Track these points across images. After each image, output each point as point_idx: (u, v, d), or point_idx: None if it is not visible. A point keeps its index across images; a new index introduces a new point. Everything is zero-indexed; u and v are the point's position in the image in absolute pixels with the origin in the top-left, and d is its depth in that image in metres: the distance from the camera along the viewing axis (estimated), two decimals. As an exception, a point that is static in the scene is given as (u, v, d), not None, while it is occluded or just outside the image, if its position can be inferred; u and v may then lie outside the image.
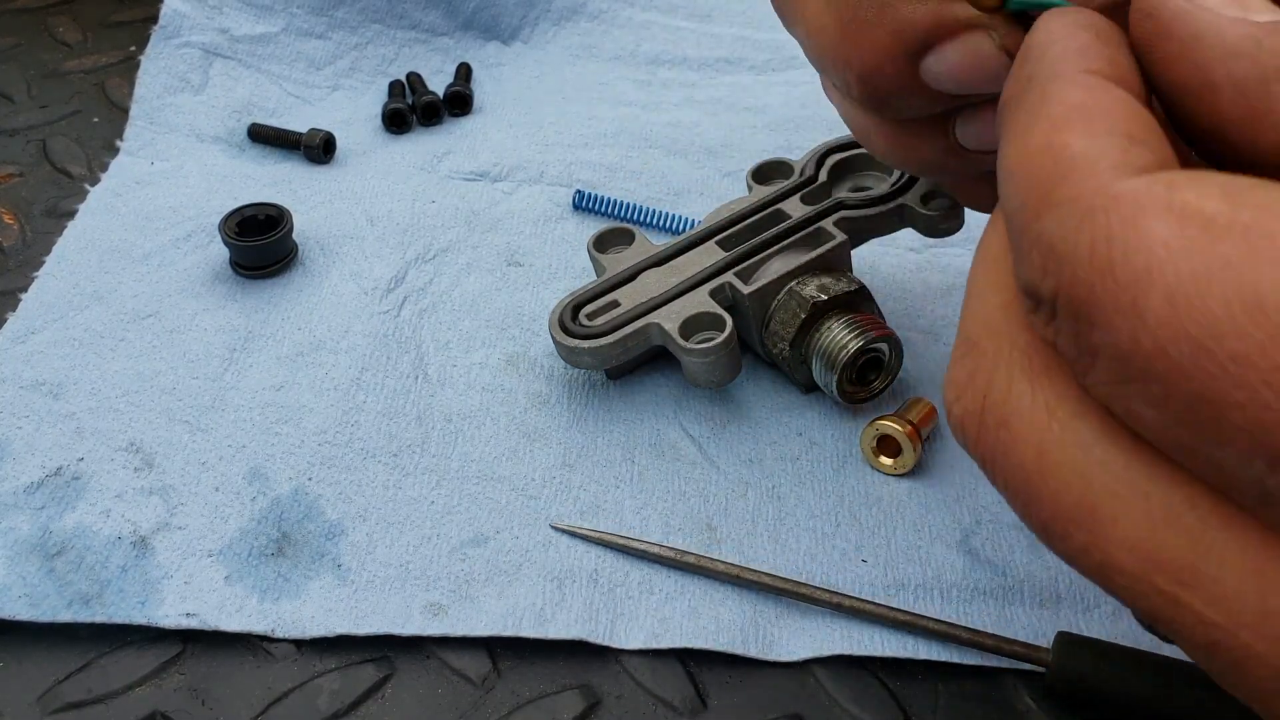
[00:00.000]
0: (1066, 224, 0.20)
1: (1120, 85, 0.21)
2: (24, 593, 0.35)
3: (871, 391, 0.41)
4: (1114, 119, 0.20)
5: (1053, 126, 0.21)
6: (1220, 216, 0.18)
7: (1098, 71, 0.21)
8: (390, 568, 0.36)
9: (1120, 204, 0.19)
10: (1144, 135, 0.20)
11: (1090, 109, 0.21)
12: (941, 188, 0.42)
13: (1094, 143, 0.20)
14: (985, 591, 0.35)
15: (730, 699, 0.33)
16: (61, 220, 0.51)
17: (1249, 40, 0.20)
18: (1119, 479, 0.21)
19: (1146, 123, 0.21)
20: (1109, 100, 0.21)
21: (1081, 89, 0.21)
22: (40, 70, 0.62)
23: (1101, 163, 0.20)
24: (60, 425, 0.41)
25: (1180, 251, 0.18)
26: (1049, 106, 0.21)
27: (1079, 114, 0.21)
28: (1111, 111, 0.21)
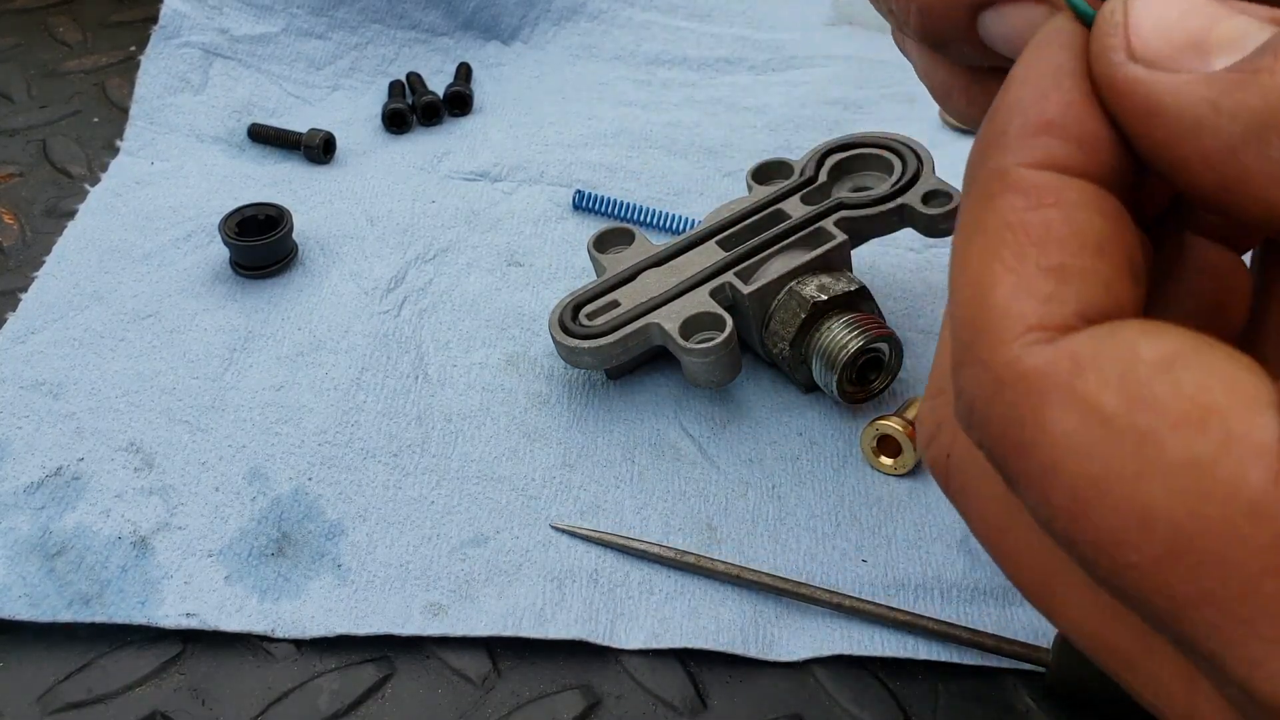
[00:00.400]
0: (981, 388, 0.20)
1: (1077, 161, 0.21)
2: (24, 593, 0.35)
3: (871, 391, 0.41)
4: (1045, 247, 0.20)
5: (985, 252, 0.20)
6: (1116, 416, 0.18)
7: (1045, 160, 0.21)
8: (390, 568, 0.36)
9: (1026, 386, 0.19)
10: (1076, 266, 0.20)
11: (1024, 231, 0.20)
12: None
13: (1016, 289, 0.20)
14: (985, 591, 0.35)
15: (730, 699, 0.33)
16: (61, 220, 0.51)
17: (1206, 106, 0.19)
18: (1069, 574, 0.22)
19: (1084, 244, 0.20)
20: (1045, 219, 0.20)
21: (1020, 196, 0.20)
22: (40, 70, 0.62)
23: (1016, 324, 0.20)
24: (60, 425, 0.41)
25: (1079, 452, 0.18)
26: (988, 217, 0.21)
27: (1010, 237, 0.20)
28: (1045, 236, 0.20)
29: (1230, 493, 0.17)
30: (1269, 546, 0.17)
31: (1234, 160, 0.19)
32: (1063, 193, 0.20)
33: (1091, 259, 0.20)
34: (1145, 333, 0.19)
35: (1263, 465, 0.17)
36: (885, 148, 0.44)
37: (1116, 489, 0.18)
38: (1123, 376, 0.18)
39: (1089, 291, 0.20)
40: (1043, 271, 0.20)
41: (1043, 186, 0.20)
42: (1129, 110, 0.20)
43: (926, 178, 0.42)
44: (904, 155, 0.43)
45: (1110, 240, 0.20)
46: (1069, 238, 0.20)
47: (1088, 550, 0.19)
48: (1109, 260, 0.20)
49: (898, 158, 0.43)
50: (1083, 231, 0.20)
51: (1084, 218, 0.20)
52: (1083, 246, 0.20)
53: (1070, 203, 0.20)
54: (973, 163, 0.22)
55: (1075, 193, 0.20)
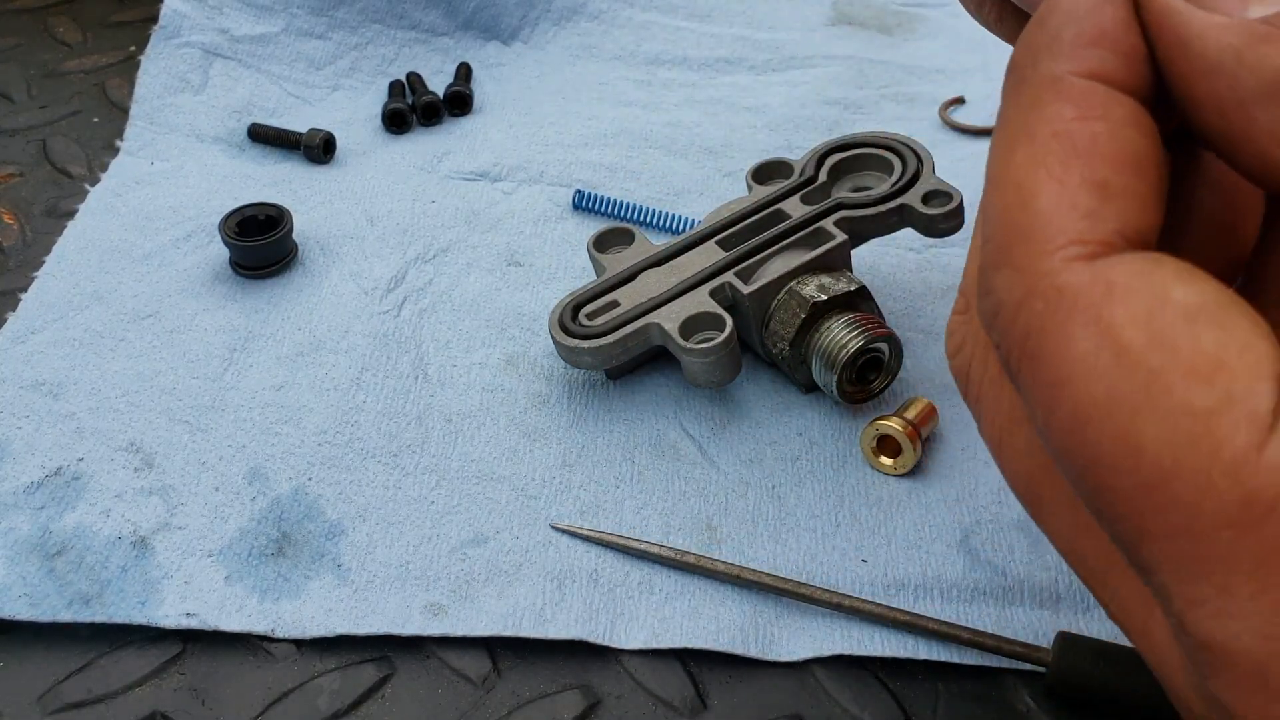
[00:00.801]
0: (1012, 293, 0.21)
1: (1122, 76, 0.21)
2: (24, 593, 0.35)
3: (871, 391, 0.41)
4: (1092, 160, 0.21)
5: (1031, 159, 0.21)
6: (1133, 349, 0.19)
7: (1096, 71, 0.21)
8: (390, 568, 0.36)
9: (1057, 300, 0.20)
10: (1119, 183, 0.20)
11: (1071, 141, 0.21)
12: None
13: (1060, 200, 0.20)
14: (985, 592, 0.35)
15: (730, 699, 0.33)
16: (61, 220, 0.51)
17: (1229, 53, 0.20)
18: (1056, 484, 0.23)
19: (1126, 161, 0.21)
20: (1093, 131, 0.21)
21: (1071, 106, 0.21)
22: (40, 70, 0.62)
23: (1058, 236, 0.20)
24: (60, 425, 0.41)
25: (1091, 374, 0.19)
26: (1037, 123, 0.21)
27: (1058, 146, 0.21)
28: (1092, 149, 0.21)
29: (1216, 447, 0.18)
30: (1236, 504, 0.18)
31: (1242, 111, 0.20)
32: (1110, 107, 0.21)
33: (1132, 178, 0.21)
34: (1180, 277, 0.19)
35: (1251, 430, 0.18)
36: (885, 147, 0.44)
37: (1116, 416, 0.19)
38: (1150, 315, 0.19)
39: (1129, 211, 0.20)
40: (1088, 185, 0.20)
41: (1093, 98, 0.21)
42: (1161, 38, 0.21)
43: (926, 178, 0.42)
44: (904, 155, 0.43)
45: (1148, 159, 0.21)
46: (1114, 154, 0.21)
47: (1076, 466, 0.20)
48: (1147, 180, 0.21)
49: (897, 158, 0.43)
50: (1126, 149, 0.21)
51: (1127, 135, 0.21)
52: (1125, 164, 0.21)
53: (1116, 118, 0.21)
54: (1021, 64, 0.22)
55: (1121, 109, 0.21)
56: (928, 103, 0.57)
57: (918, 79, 0.59)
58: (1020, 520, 0.37)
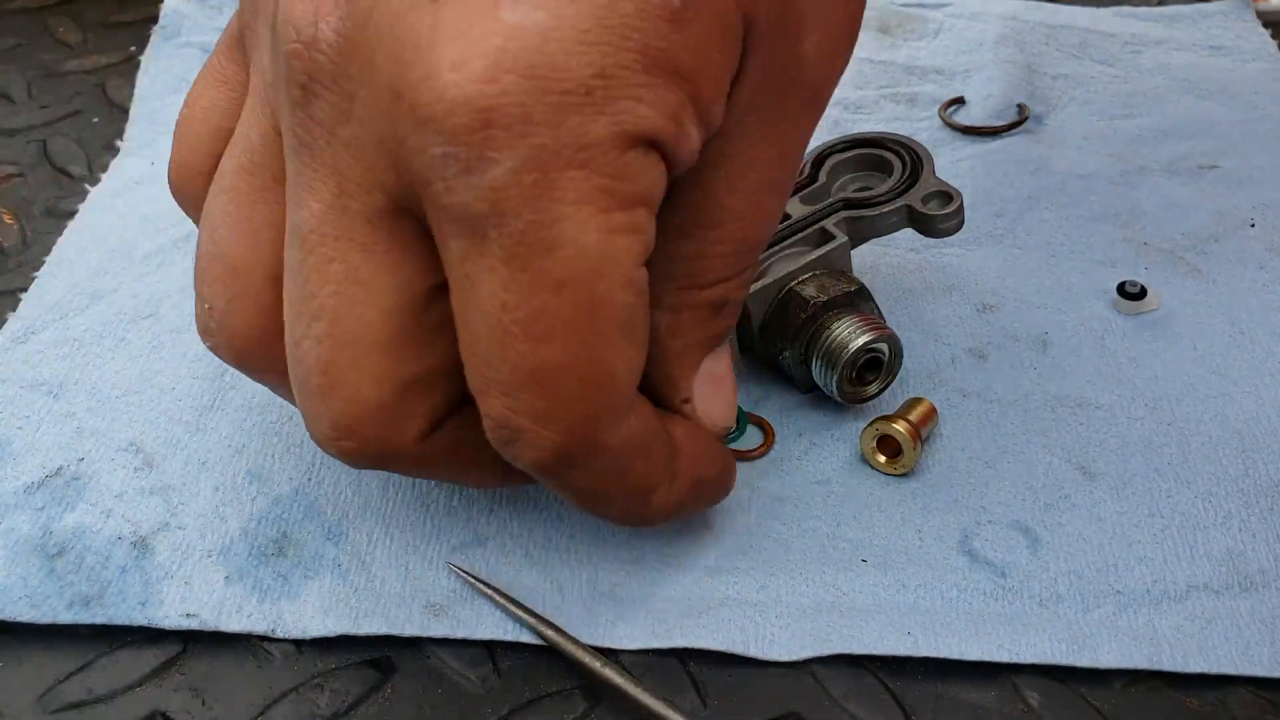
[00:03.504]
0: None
1: None
2: (24, 593, 0.35)
3: (872, 391, 0.40)
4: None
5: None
6: None
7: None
8: (390, 568, 0.36)
9: None
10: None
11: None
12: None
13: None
14: (985, 592, 0.35)
15: (730, 699, 0.33)
16: (61, 220, 0.51)
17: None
18: None
19: None
20: None
21: None
22: (40, 70, 0.62)
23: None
24: (60, 425, 0.41)
25: None
26: None
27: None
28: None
29: None
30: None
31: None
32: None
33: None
34: None
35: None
36: (885, 147, 0.44)
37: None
38: None
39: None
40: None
41: None
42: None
43: (927, 178, 0.42)
44: (904, 155, 0.43)
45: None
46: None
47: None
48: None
49: (897, 158, 0.43)
50: None
51: None
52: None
53: None
54: None
55: None
56: (928, 103, 0.57)
57: (918, 79, 0.59)
58: (1020, 521, 0.37)
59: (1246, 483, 0.38)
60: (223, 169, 0.31)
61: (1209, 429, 0.40)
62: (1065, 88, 0.58)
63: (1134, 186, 0.52)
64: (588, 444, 0.28)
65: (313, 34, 0.26)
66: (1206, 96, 0.57)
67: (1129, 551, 0.36)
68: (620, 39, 0.24)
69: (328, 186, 0.27)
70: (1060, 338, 0.44)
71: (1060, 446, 0.40)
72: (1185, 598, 0.35)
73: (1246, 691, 0.33)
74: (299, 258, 0.28)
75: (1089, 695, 0.33)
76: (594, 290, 0.26)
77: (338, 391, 0.28)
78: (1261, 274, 0.47)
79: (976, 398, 0.42)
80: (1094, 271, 0.47)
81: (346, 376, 0.28)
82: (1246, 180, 0.52)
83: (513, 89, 0.24)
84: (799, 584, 0.36)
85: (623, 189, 0.25)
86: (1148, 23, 0.63)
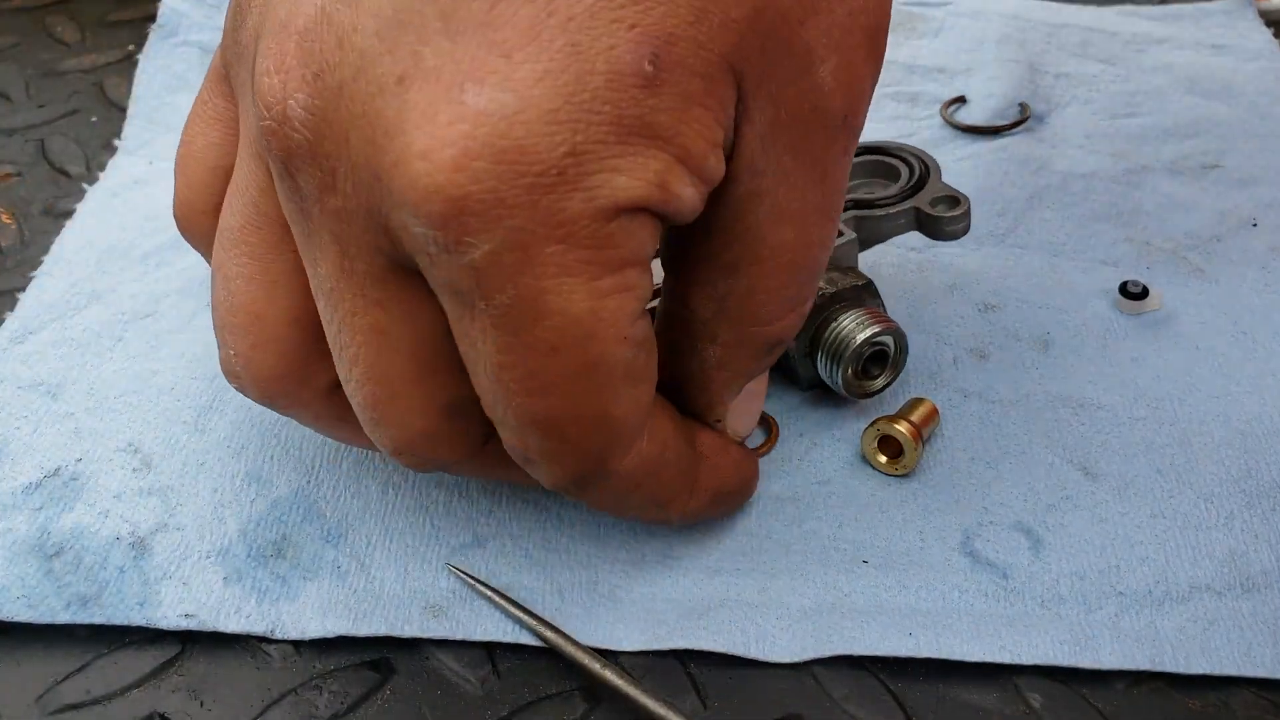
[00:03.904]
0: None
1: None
2: (22, 594, 0.35)
3: (877, 386, 0.40)
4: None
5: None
6: None
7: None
8: (389, 569, 0.36)
9: None
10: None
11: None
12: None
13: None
14: (987, 593, 0.35)
15: (730, 699, 0.33)
16: (59, 220, 0.51)
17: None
18: None
19: None
20: None
21: None
22: (38, 69, 0.62)
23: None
24: (58, 425, 0.41)
25: None
26: None
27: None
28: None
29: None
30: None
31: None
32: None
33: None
34: None
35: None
36: (894, 155, 0.44)
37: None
38: None
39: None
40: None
41: None
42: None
43: (934, 182, 0.42)
44: (912, 163, 0.43)
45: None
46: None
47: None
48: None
49: (906, 165, 0.43)
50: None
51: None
52: None
53: None
54: None
55: None
56: (929, 102, 0.57)
57: (919, 78, 0.59)
58: (1022, 521, 0.37)
59: (1249, 483, 0.38)
60: (229, 224, 0.31)
61: (1211, 429, 0.40)
62: (1067, 87, 0.58)
63: (1136, 186, 0.51)
64: (597, 473, 0.29)
65: (283, 112, 0.26)
66: (1209, 96, 0.57)
67: (1131, 552, 0.36)
68: (591, 113, 0.24)
69: (332, 249, 0.27)
70: (1062, 338, 0.44)
71: (1062, 447, 0.40)
72: (1187, 599, 0.35)
73: (1249, 693, 0.33)
74: (328, 311, 0.29)
75: (1091, 696, 0.33)
76: (587, 352, 0.26)
77: (389, 423, 0.30)
78: (1264, 273, 0.47)
79: (978, 398, 0.42)
80: (1096, 271, 0.47)
81: (391, 411, 0.29)
82: (1249, 180, 0.51)
83: (483, 175, 0.24)
84: (800, 585, 0.36)
85: (607, 257, 0.25)
86: (1150, 22, 0.62)
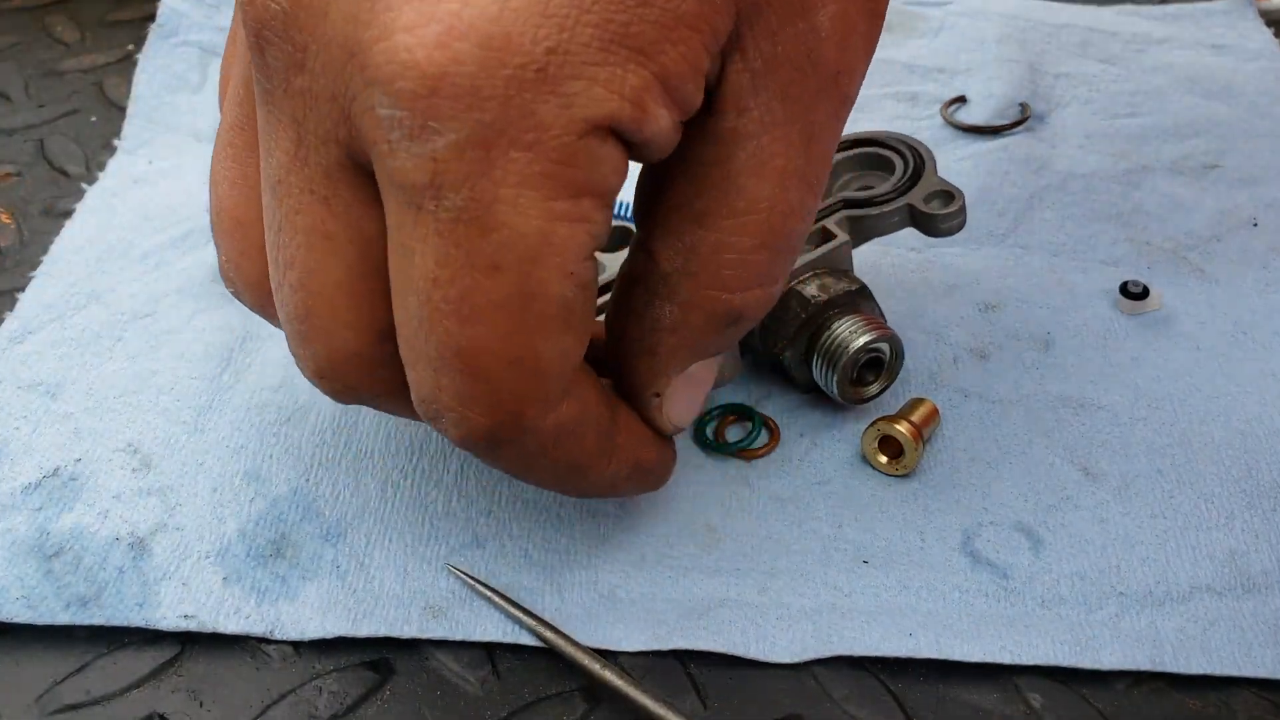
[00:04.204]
0: None
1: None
2: (21, 594, 0.35)
3: (871, 392, 0.40)
4: None
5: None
6: None
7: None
8: (389, 569, 0.36)
9: None
10: None
11: None
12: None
13: None
14: (987, 593, 0.35)
15: (730, 699, 0.33)
16: (59, 220, 0.51)
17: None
18: None
19: None
20: None
21: None
22: (38, 69, 0.62)
23: None
24: (58, 426, 0.41)
25: None
26: None
27: None
28: None
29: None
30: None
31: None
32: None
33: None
34: None
35: None
36: (887, 146, 0.44)
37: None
38: None
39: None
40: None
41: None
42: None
43: (929, 177, 0.42)
44: (906, 155, 0.43)
45: None
46: None
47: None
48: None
49: (899, 157, 0.43)
50: None
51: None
52: None
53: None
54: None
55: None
56: (929, 101, 0.57)
57: (919, 78, 0.59)
58: (1022, 522, 0.37)
59: (1249, 483, 0.38)
60: (222, 125, 0.31)
61: (1212, 429, 0.40)
62: (1067, 86, 0.58)
63: (1136, 186, 0.51)
64: (514, 428, 0.27)
65: None
66: (1209, 95, 0.57)
67: (1131, 553, 0.36)
68: (579, 12, 0.23)
69: (288, 136, 0.27)
70: (1062, 338, 0.44)
71: (1062, 447, 0.40)
72: (1188, 599, 0.35)
73: (1249, 693, 0.33)
74: (271, 205, 0.28)
75: (1091, 697, 0.33)
76: (529, 277, 0.25)
77: (318, 337, 0.28)
78: (1264, 273, 0.47)
79: (978, 398, 0.41)
80: (1096, 271, 0.47)
81: (322, 325, 0.28)
82: (1249, 179, 0.51)
83: (464, 58, 0.23)
84: (800, 585, 0.36)
85: (570, 176, 0.24)
86: (1150, 21, 0.62)
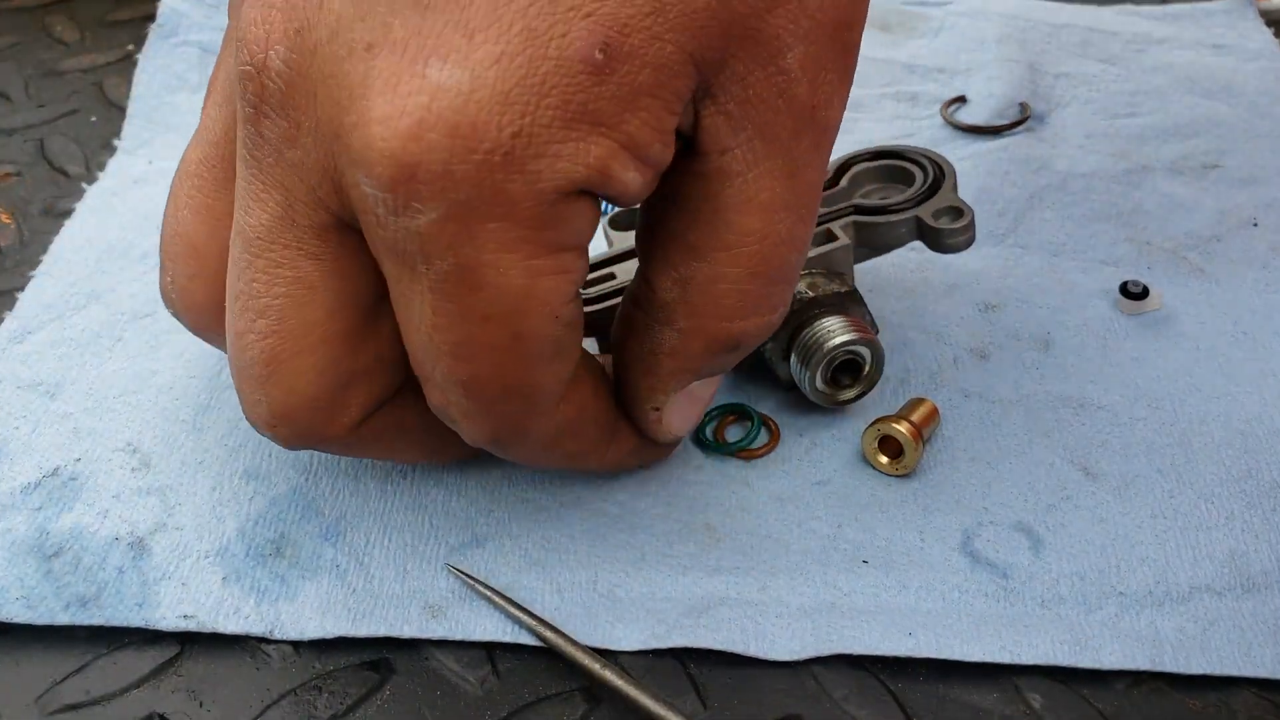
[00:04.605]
0: None
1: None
2: (21, 594, 0.35)
3: (847, 396, 0.40)
4: None
5: None
6: None
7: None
8: (389, 569, 0.36)
9: None
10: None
11: None
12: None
13: None
14: (987, 593, 0.35)
15: (730, 699, 0.33)
16: (59, 219, 0.51)
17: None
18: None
19: None
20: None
21: None
22: (38, 69, 0.62)
23: None
24: (57, 425, 0.41)
25: None
26: None
27: None
28: None
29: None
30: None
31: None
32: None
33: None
34: None
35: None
36: (909, 159, 0.43)
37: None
38: None
39: None
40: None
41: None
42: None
43: (944, 193, 0.41)
44: (927, 169, 0.42)
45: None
46: None
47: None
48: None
49: (920, 170, 0.42)
50: None
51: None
52: None
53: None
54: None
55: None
56: (929, 101, 0.57)
57: (919, 78, 0.59)
58: (1023, 522, 0.37)
59: (1249, 483, 0.38)
60: (189, 156, 0.34)
61: (1212, 429, 0.40)
62: (1067, 86, 0.58)
63: (1136, 186, 0.51)
64: (515, 434, 0.31)
65: (263, 60, 0.27)
66: (1209, 95, 0.57)
67: (1131, 552, 0.36)
68: (539, 97, 0.25)
69: (275, 199, 0.28)
70: (1062, 337, 0.44)
71: (1062, 447, 0.40)
72: (1188, 599, 0.35)
73: (1249, 693, 0.33)
74: (246, 259, 0.29)
75: (1091, 696, 0.33)
76: (518, 325, 0.28)
77: (279, 382, 0.30)
78: (1264, 273, 0.47)
79: (978, 398, 0.41)
80: (1096, 271, 0.47)
81: (288, 368, 0.30)
82: (1249, 179, 0.51)
83: (435, 147, 0.25)
84: (800, 584, 0.36)
85: (545, 237, 0.27)
86: (1150, 21, 0.62)
